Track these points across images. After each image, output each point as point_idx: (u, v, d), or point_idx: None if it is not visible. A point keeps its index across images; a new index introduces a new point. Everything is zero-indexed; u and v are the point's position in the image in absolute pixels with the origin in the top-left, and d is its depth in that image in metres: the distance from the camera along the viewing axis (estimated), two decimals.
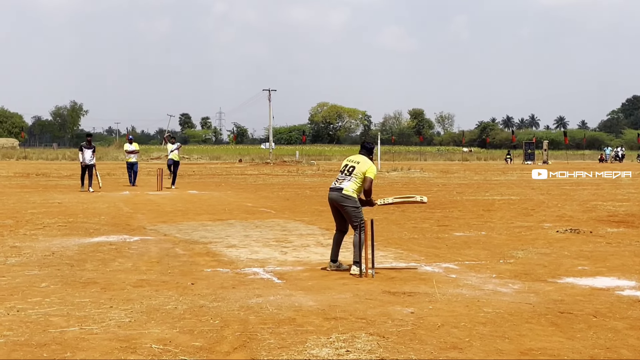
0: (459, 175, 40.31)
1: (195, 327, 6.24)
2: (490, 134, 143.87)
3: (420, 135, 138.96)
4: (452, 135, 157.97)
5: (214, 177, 36.56)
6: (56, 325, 6.28)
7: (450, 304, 7.19)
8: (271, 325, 6.29)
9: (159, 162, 64.07)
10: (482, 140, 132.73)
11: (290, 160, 65.85)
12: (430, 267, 9.46)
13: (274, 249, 11.11)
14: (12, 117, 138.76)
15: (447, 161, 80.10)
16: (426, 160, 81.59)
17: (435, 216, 16.24)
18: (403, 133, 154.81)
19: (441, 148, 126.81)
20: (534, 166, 59.06)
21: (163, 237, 12.41)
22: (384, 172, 42.58)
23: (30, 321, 6.40)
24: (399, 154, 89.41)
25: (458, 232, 13.38)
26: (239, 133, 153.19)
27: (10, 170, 40.95)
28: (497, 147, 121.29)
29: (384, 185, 29.28)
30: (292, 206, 19.06)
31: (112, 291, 7.78)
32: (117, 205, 18.79)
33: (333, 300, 7.34)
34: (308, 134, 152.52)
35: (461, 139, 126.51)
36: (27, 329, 6.13)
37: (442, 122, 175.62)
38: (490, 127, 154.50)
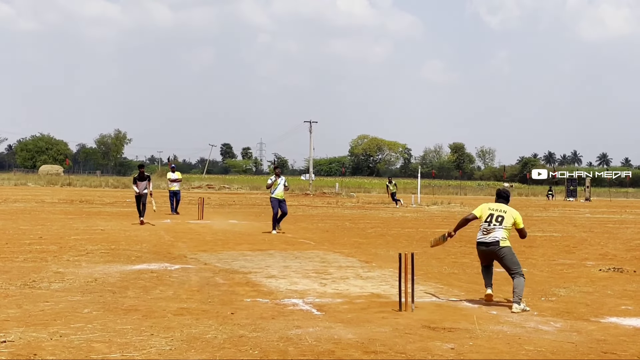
0: None
1: (234, 356, 6.27)
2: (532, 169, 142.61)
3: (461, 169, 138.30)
4: (492, 170, 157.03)
5: (254, 207, 36.74)
6: (98, 351, 6.35)
7: (491, 341, 7.12)
8: (310, 357, 6.29)
9: (199, 191, 64.65)
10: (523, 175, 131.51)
11: (330, 192, 65.93)
12: (471, 303, 9.37)
13: (313, 280, 11.11)
14: (57, 144, 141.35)
15: (487, 196, 79.40)
16: (466, 194, 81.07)
17: (475, 252, 16.05)
18: (443, 167, 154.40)
19: (481, 183, 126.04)
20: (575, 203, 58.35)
21: (203, 266, 12.49)
22: (424, 205, 42.40)
23: (72, 347, 6.49)
24: (438, 188, 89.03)
25: (499, 268, 13.21)
26: (279, 164, 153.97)
27: (55, 197, 41.62)
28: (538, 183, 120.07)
29: (424, 219, 29.15)
30: (331, 238, 19.07)
31: (153, 319, 7.85)
32: (159, 233, 18.98)
33: (372, 333, 7.31)
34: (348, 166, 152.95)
35: (502, 174, 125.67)
36: (69, 354, 6.21)
37: (483, 156, 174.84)
38: (531, 162, 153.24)
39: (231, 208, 35.52)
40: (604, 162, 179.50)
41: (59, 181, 75.34)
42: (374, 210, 35.94)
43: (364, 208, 38.59)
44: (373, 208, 38.77)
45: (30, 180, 75.64)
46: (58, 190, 56.12)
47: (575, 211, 41.48)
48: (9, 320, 7.56)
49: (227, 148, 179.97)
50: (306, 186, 72.48)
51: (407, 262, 8.67)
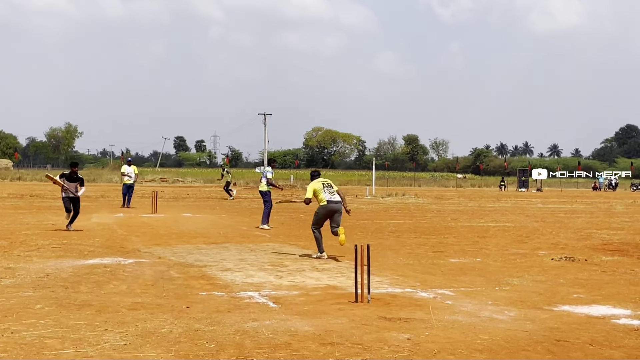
0: (454, 201, 40.35)
1: (191, 351, 6.21)
2: (484, 160, 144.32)
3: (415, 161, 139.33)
4: (446, 161, 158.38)
5: (209, 201, 36.52)
6: (51, 347, 6.24)
7: (446, 331, 7.17)
8: (267, 350, 6.27)
9: (153, 184, 64.03)
10: (476, 167, 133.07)
11: (285, 185, 65.83)
12: (426, 293, 9.44)
13: (269, 273, 11.08)
14: (6, 138, 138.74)
15: (441, 187, 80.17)
16: (420, 186, 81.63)
17: (430, 242, 16.23)
18: (397, 159, 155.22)
19: (435, 174, 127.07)
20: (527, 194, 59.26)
21: (158, 260, 12.37)
22: (378, 197, 42.60)
23: (24, 343, 6.36)
24: (393, 180, 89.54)
25: (453, 259, 13.38)
26: (234, 156, 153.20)
27: (4, 191, 40.82)
28: (491, 174, 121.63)
29: (379, 211, 29.29)
30: (287, 230, 19.04)
31: (106, 314, 7.74)
32: (112, 227, 18.75)
33: (329, 325, 7.31)
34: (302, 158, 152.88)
35: (455, 166, 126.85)
36: (21, 351, 6.09)
37: (437, 148, 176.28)
38: (484, 154, 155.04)
39: (185, 201, 35.25)
40: (554, 153, 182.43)
41: (9, 175, 73.96)
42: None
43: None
44: None
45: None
46: (7, 185, 55.09)
47: (527, 201, 42.09)
48: None
49: (181, 141, 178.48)
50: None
51: (362, 253, 8.69)
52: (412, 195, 45.92)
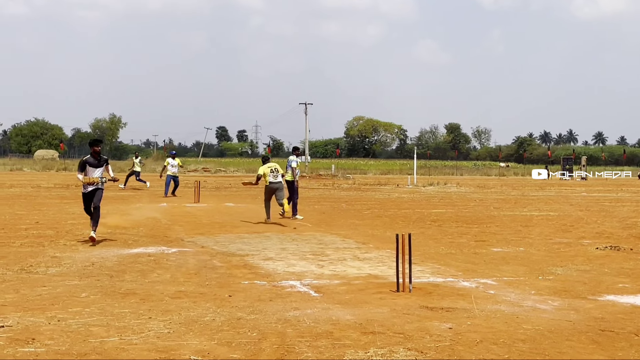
0: (496, 190, 40.00)
1: (233, 339, 6.27)
2: (528, 149, 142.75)
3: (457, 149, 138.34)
4: (488, 150, 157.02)
5: (251, 190, 36.70)
6: (96, 335, 6.34)
7: (488, 320, 7.13)
8: (309, 339, 6.29)
9: (195, 174, 64.58)
10: (519, 155, 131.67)
11: (326, 174, 65.89)
12: (468, 283, 9.39)
13: (310, 262, 11.12)
14: (52, 129, 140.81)
15: (483, 176, 79.50)
16: (462, 175, 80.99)
17: (472, 231, 16.12)
18: (439, 147, 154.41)
19: (477, 163, 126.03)
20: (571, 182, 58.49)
21: (200, 249, 12.49)
22: (419, 186, 42.42)
23: (70, 331, 6.48)
24: (435, 169, 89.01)
25: (496, 248, 13.28)
26: (275, 146, 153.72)
27: (51, 182, 41.54)
28: (534, 162, 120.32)
29: (420, 200, 29.17)
30: (328, 220, 19.07)
31: (150, 302, 7.84)
32: (155, 217, 18.95)
33: (370, 314, 7.32)
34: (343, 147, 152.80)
35: (498, 154, 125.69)
36: (67, 339, 6.21)
37: (479, 136, 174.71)
38: (527, 142, 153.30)
39: (227, 191, 35.49)
40: (599, 141, 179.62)
41: (55, 166, 75.17)
42: (371, 192, 35.95)
43: (360, 190, 38.59)
44: (369, 190, 38.77)
45: (25, 165, 75.54)
46: (54, 175, 56.02)
47: (571, 190, 41.55)
48: (6, 305, 7.55)
49: (223, 131, 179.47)
50: (302, 168, 72.45)
51: (404, 243, 8.66)
52: (454, 184, 45.63)
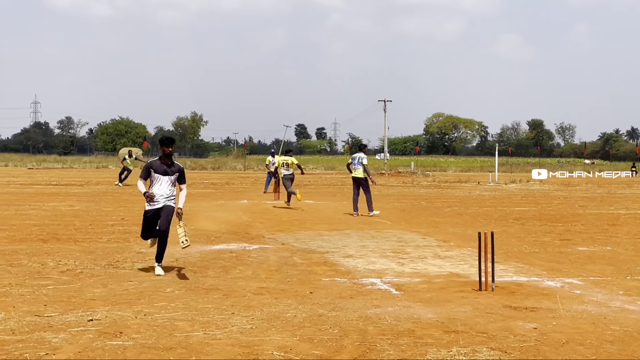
0: (581, 187, 39.04)
1: (314, 335, 6.29)
2: (614, 145, 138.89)
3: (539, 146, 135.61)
4: (573, 146, 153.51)
5: (330, 188, 36.83)
6: (181, 329, 6.47)
7: (574, 321, 6.96)
8: (390, 337, 6.27)
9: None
10: (605, 152, 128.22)
11: (405, 171, 65.57)
12: (553, 282, 9.19)
13: (390, 259, 11.08)
14: (136, 127, 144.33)
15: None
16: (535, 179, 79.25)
17: (557, 230, 15.77)
18: (521, 144, 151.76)
19: (561, 160, 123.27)
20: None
21: (281, 246, 12.59)
22: (501, 183, 41.76)
23: (156, 325, 6.63)
24: (517, 166, 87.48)
25: (581, 247, 12.95)
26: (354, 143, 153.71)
27: (135, 179, 42.50)
28: (620, 159, 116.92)
29: (502, 198, 28.71)
30: (408, 217, 18.96)
31: (233, 298, 7.95)
32: (237, 213, 19.21)
33: (452, 313, 7.24)
34: (423, 144, 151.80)
35: (582, 151, 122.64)
36: (154, 333, 6.35)
37: (563, 133, 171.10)
38: (613, 138, 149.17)
39: (307, 188, 35.66)
40: None
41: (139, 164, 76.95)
42: (451, 189, 35.59)
43: (440, 187, 38.25)
44: (449, 187, 38.38)
45: (110, 163, 77.75)
46: (137, 172, 57.30)
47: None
48: (95, 300, 7.78)
49: (302, 129, 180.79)
50: (381, 166, 72.22)
51: (486, 241, 8.54)
52: (537, 181, 44.73)
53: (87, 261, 10.49)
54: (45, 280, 8.95)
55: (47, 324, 6.63)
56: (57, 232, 14.10)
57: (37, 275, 9.25)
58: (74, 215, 18.05)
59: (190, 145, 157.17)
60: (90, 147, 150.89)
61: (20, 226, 15.14)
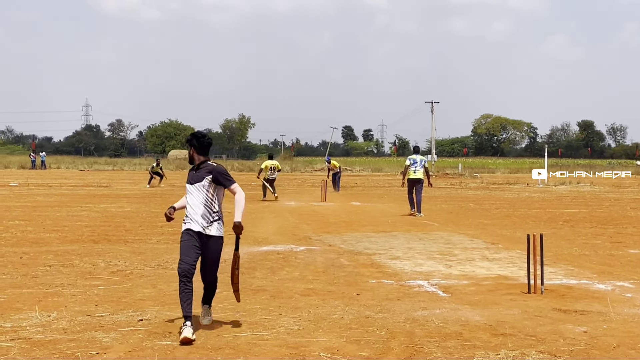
0: (633, 189, 38.31)
1: (361, 337, 6.30)
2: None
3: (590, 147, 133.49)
4: (624, 147, 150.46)
5: (377, 189, 36.77)
6: (229, 330, 6.54)
7: (626, 324, 6.85)
8: (437, 339, 6.25)
9: (322, 173, 65.25)
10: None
11: (453, 173, 65.10)
12: (604, 285, 9.04)
13: (438, 262, 11.02)
14: (185, 129, 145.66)
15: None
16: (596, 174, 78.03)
17: (607, 232, 15.52)
18: (571, 145, 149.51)
19: (612, 161, 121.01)
20: None
21: (328, 248, 12.62)
22: (551, 185, 41.22)
23: (205, 326, 6.70)
24: (567, 167, 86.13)
25: (633, 250, 12.73)
26: (401, 145, 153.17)
27: (184, 181, 42.91)
28: None
29: (552, 199, 28.34)
30: (455, 219, 18.84)
31: (280, 299, 8.00)
32: (284, 215, 19.30)
33: (501, 316, 7.18)
34: (471, 146, 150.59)
35: (635, 152, 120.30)
36: (202, 333, 6.42)
37: (614, 134, 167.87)
38: None
39: (353, 190, 35.65)
40: None
41: (187, 166, 77.73)
42: (499, 191, 35.24)
43: (488, 189, 37.89)
44: (498, 189, 38.00)
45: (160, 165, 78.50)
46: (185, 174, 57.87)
47: None
48: (145, 300, 7.90)
49: (348, 130, 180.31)
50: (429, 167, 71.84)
51: (535, 243, 8.45)
52: (588, 183, 44.06)
53: (137, 262, 10.64)
54: (96, 280, 9.12)
55: (98, 323, 6.76)
56: (108, 233, 14.33)
57: (88, 276, 9.42)
58: (124, 216, 18.34)
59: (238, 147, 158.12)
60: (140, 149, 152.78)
61: (72, 227, 15.43)
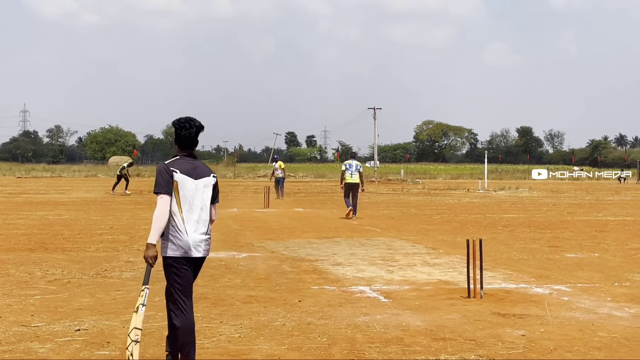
0: (570, 194, 39.18)
1: (303, 344, 6.29)
2: (602, 152, 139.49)
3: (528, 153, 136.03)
4: (562, 153, 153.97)
5: (320, 195, 36.82)
6: None
7: (562, 328, 6.97)
8: (379, 345, 6.27)
9: (265, 179, 65.12)
10: (594, 159, 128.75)
11: (395, 179, 65.62)
12: (541, 289, 9.21)
13: (380, 267, 11.07)
14: (125, 135, 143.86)
15: (556, 180, 77.97)
16: (535, 179, 79.63)
17: (545, 237, 15.82)
18: (510, 151, 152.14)
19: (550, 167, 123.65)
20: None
21: (270, 254, 12.57)
22: (490, 190, 41.86)
23: (144, 334, 6.58)
24: (506, 173, 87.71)
25: (570, 254, 12.99)
26: (344, 151, 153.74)
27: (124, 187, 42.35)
28: (609, 166, 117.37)
29: (491, 205, 28.78)
30: (397, 225, 18.98)
31: (222, 306, 7.93)
32: (226, 222, 19.17)
33: (441, 320, 7.25)
34: (413, 152, 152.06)
35: (571, 158, 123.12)
36: (141, 342, 6.30)
37: (552, 140, 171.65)
38: (602, 145, 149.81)
39: (297, 196, 35.65)
40: None
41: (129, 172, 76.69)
42: (440, 197, 35.65)
43: (430, 194, 38.31)
44: (439, 194, 38.44)
45: (100, 172, 77.36)
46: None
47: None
48: (82, 309, 7.74)
49: (292, 136, 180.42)
50: (371, 173, 72.26)
51: (475, 248, 8.55)
52: (526, 188, 44.90)
53: (75, 270, 10.43)
54: (32, 290, 8.91)
55: (34, 334, 6.60)
56: (45, 242, 14.03)
57: (24, 285, 9.20)
58: (63, 224, 17.98)
59: None
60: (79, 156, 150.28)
61: (8, 235, 15.06)
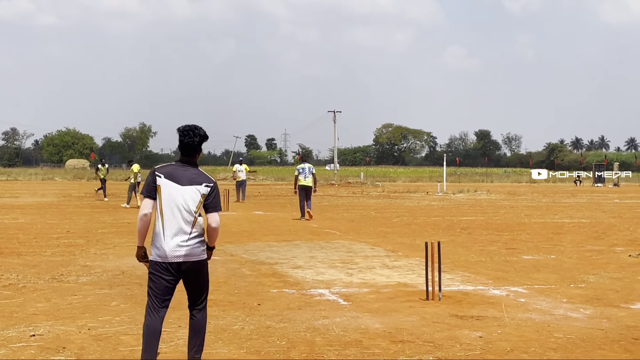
0: (527, 197, 39.67)
1: (262, 347, 6.27)
2: (559, 155, 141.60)
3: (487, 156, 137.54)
4: (519, 156, 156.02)
5: (279, 199, 36.75)
6: (126, 343, 6.39)
7: (519, 329, 7.05)
8: (338, 347, 6.28)
9: (225, 182, 64.82)
10: (551, 162, 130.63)
11: (355, 182, 65.79)
12: (499, 291, 9.31)
13: (339, 270, 11.09)
14: (83, 138, 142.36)
15: (514, 183, 78.92)
16: (492, 182, 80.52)
17: (503, 239, 15.99)
18: (469, 154, 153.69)
19: (508, 169, 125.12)
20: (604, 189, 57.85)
21: (230, 258, 12.51)
22: (449, 193, 42.20)
23: (101, 339, 6.53)
24: (464, 176, 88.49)
25: (527, 256, 13.15)
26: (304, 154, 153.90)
27: (82, 191, 41.94)
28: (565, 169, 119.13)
29: (450, 208, 29.01)
30: (357, 227, 19.03)
31: (180, 310, 7.84)
32: None
33: (400, 323, 7.28)
34: (372, 155, 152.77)
35: (529, 161, 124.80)
36: (98, 347, 6.25)
37: (509, 143, 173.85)
38: (558, 148, 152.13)
39: (256, 199, 35.55)
40: (632, 147, 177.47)
41: (85, 175, 75.90)
42: (400, 200, 35.84)
43: (390, 197, 38.49)
44: (399, 197, 38.65)
45: (57, 175, 76.44)
46: (84, 184, 56.54)
47: (603, 197, 41.08)
48: (37, 314, 7.63)
49: (252, 139, 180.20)
50: (331, 176, 72.39)
51: (433, 250, 8.61)
52: (485, 191, 45.37)
53: (30, 275, 10.27)
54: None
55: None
56: (0, 246, 13.79)
57: None
58: (18, 228, 17.70)
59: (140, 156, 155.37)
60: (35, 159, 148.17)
61: None
